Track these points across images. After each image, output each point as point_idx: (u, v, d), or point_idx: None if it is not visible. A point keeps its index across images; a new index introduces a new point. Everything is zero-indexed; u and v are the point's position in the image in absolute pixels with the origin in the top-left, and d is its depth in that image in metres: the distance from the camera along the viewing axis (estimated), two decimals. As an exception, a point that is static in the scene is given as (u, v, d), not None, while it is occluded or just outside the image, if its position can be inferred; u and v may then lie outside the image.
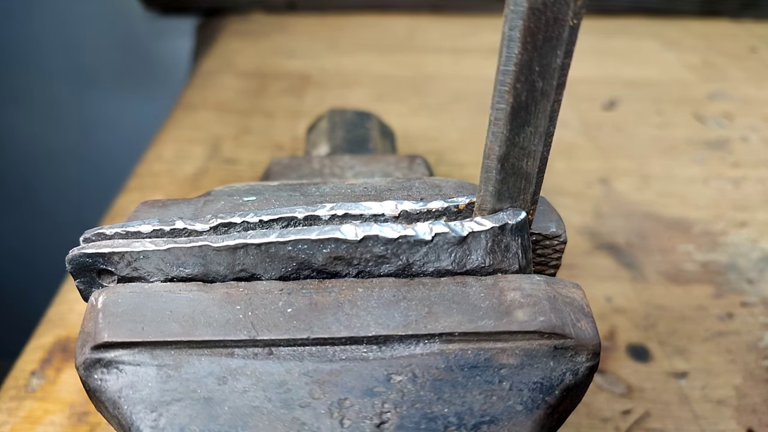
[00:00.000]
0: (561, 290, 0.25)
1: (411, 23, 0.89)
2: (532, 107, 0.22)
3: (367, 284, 0.25)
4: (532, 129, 0.23)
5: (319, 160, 0.39)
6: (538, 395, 0.23)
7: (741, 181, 0.61)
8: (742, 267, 0.51)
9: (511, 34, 0.21)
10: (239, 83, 0.76)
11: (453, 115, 0.71)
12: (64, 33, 1.00)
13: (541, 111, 0.23)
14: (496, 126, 0.23)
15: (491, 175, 0.25)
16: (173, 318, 0.23)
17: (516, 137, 0.23)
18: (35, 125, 0.70)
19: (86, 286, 0.25)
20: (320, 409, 0.22)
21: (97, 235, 0.26)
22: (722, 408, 0.41)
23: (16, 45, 0.77)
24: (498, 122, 0.23)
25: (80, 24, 1.00)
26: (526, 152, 0.24)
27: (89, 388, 0.23)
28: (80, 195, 0.79)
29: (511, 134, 0.23)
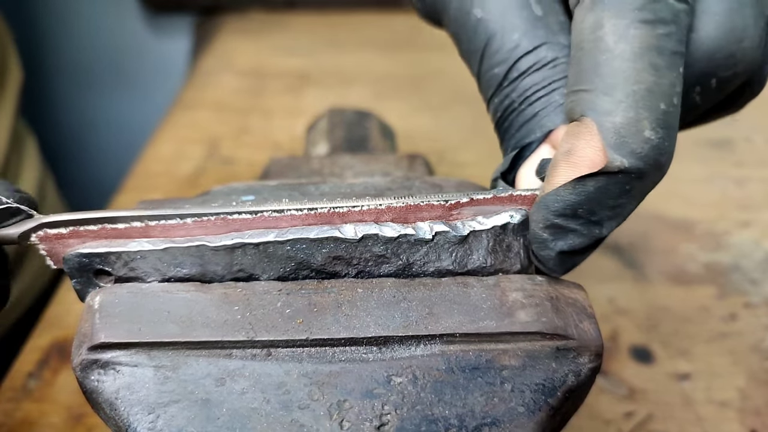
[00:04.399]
0: (563, 291, 0.25)
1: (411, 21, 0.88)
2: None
3: (367, 284, 0.25)
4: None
5: (319, 160, 0.39)
6: (540, 397, 0.23)
7: (745, 181, 0.61)
8: (745, 268, 0.51)
9: None
10: (238, 82, 0.76)
11: (454, 114, 0.70)
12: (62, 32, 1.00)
13: None
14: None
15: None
16: (171, 319, 0.23)
17: None
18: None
19: (83, 286, 0.25)
20: (319, 411, 0.22)
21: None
22: (725, 410, 0.41)
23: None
24: None
25: (78, 22, 1.00)
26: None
27: (86, 390, 0.23)
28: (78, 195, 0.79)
29: None
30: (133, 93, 1.02)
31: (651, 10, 0.23)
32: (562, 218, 0.24)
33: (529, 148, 0.27)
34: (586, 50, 0.23)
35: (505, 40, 0.26)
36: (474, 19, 0.27)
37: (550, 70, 0.26)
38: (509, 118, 0.27)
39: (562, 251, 0.24)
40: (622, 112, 0.22)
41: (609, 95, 0.23)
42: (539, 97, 0.26)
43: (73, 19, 1.00)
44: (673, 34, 0.23)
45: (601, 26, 0.23)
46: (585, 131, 0.23)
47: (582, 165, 0.23)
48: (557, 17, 0.27)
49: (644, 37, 0.23)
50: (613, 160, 0.22)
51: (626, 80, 0.22)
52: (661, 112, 0.22)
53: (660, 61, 0.23)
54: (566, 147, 0.23)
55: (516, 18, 0.26)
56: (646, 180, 0.23)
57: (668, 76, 0.23)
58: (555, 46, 0.26)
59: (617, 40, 0.23)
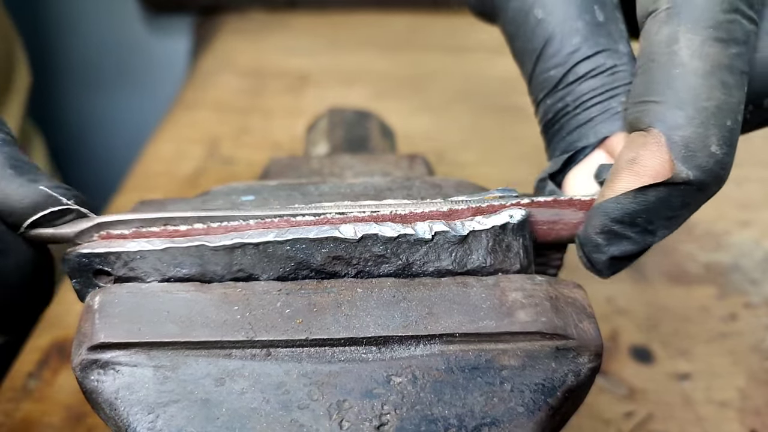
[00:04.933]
0: (563, 291, 0.25)
1: (411, 21, 0.89)
2: None
3: (367, 284, 0.25)
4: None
5: (319, 160, 0.39)
6: (540, 397, 0.23)
7: (744, 180, 0.61)
8: (745, 267, 0.51)
9: None
10: (238, 82, 0.76)
11: (454, 114, 0.70)
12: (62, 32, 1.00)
13: None
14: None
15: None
16: (170, 319, 0.23)
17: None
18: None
19: (83, 286, 0.25)
20: (319, 411, 0.22)
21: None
22: (725, 410, 0.41)
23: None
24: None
25: (78, 22, 1.00)
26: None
27: (86, 390, 0.23)
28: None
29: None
30: (133, 93, 1.02)
31: (725, 30, 0.23)
32: (619, 225, 0.24)
33: (581, 153, 0.27)
34: (658, 62, 0.24)
35: (565, 43, 0.27)
36: (534, 19, 0.27)
37: (608, 76, 0.26)
38: (561, 120, 0.27)
39: (613, 256, 0.25)
40: (692, 127, 0.23)
41: (680, 109, 0.23)
42: (596, 103, 0.26)
43: (73, 18, 1.00)
44: (744, 54, 0.23)
45: (676, 40, 0.23)
46: (652, 142, 0.23)
47: (646, 174, 0.23)
48: (618, 25, 0.27)
49: (718, 55, 0.23)
50: (679, 172, 0.23)
51: (698, 96, 0.23)
52: (727, 129, 0.23)
53: (730, 79, 0.23)
54: (630, 155, 0.24)
55: (578, 22, 0.27)
56: (706, 192, 0.24)
57: (736, 95, 0.23)
58: (615, 54, 0.26)
59: (692, 55, 0.23)
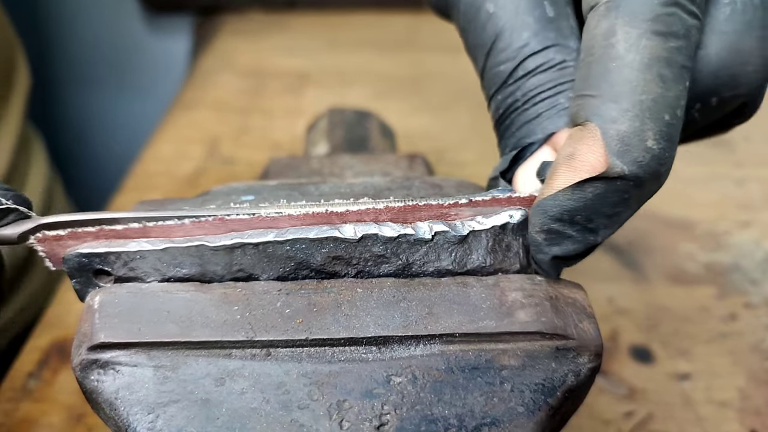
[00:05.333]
0: (563, 291, 0.25)
1: (411, 21, 0.89)
2: None
3: (367, 284, 0.25)
4: None
5: (319, 160, 0.39)
6: (540, 397, 0.23)
7: (744, 180, 0.61)
8: (745, 267, 0.51)
9: None
10: (238, 82, 0.76)
11: (454, 114, 0.70)
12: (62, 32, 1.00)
13: None
14: None
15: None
16: (170, 319, 0.23)
17: None
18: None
19: (83, 286, 0.25)
20: (319, 411, 0.22)
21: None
22: (725, 410, 0.41)
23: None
24: None
25: (77, 22, 1.00)
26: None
27: (86, 390, 0.23)
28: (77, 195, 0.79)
29: None
30: (133, 93, 1.02)
31: (664, 23, 0.23)
32: (559, 223, 0.24)
33: (529, 149, 0.27)
34: (596, 56, 0.23)
35: (515, 38, 0.26)
36: (485, 13, 0.27)
37: (557, 72, 0.26)
38: (511, 116, 0.27)
39: (556, 256, 0.25)
40: (627, 120, 0.22)
41: (616, 103, 0.23)
42: (544, 98, 0.26)
43: (73, 18, 1.00)
44: (683, 48, 0.23)
45: (613, 33, 0.23)
46: (588, 136, 0.23)
47: (582, 169, 0.23)
48: (568, 21, 0.27)
49: (655, 48, 0.23)
50: (613, 166, 0.22)
51: (634, 89, 0.23)
52: (665, 124, 0.23)
53: (668, 73, 0.23)
54: (568, 151, 0.23)
55: (528, 17, 0.26)
56: (644, 189, 0.23)
57: (675, 89, 0.23)
58: (564, 49, 0.26)
59: (628, 48, 0.23)
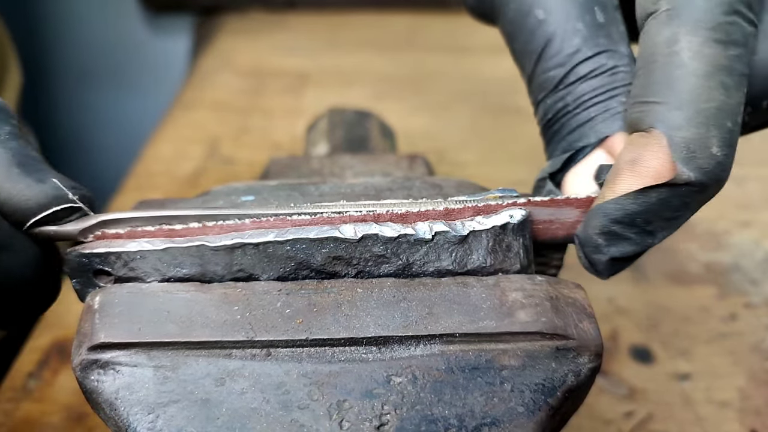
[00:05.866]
0: (563, 291, 0.25)
1: (411, 21, 0.89)
2: None
3: (367, 284, 0.25)
4: None
5: (319, 160, 0.39)
6: (540, 397, 0.23)
7: (744, 180, 0.61)
8: (745, 267, 0.51)
9: None
10: (238, 82, 0.76)
11: (454, 114, 0.70)
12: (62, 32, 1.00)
13: None
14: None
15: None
16: (170, 319, 0.23)
17: None
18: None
19: (83, 286, 0.25)
20: (319, 411, 0.22)
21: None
22: (725, 410, 0.41)
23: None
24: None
25: (77, 22, 1.00)
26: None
27: (86, 390, 0.23)
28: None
29: None
30: (133, 93, 1.02)
31: (725, 31, 0.23)
32: (619, 226, 0.24)
33: (581, 152, 0.27)
34: (659, 63, 0.24)
35: (566, 44, 0.27)
36: (534, 20, 0.27)
37: (609, 77, 0.26)
38: (561, 120, 0.27)
39: (613, 257, 0.25)
40: (693, 128, 0.23)
41: (681, 110, 0.23)
42: (596, 103, 0.26)
43: (73, 18, 1.00)
44: (743, 55, 0.24)
45: (676, 41, 0.23)
46: (653, 143, 0.23)
47: (648, 175, 0.23)
48: (618, 26, 0.27)
49: (717, 56, 0.23)
50: (681, 173, 0.23)
51: (698, 97, 0.23)
52: (728, 131, 0.23)
53: (730, 81, 0.23)
54: (631, 156, 0.24)
55: (578, 23, 0.27)
56: (706, 193, 0.24)
57: (735, 96, 0.23)
58: (615, 55, 0.26)
59: (692, 57, 0.23)
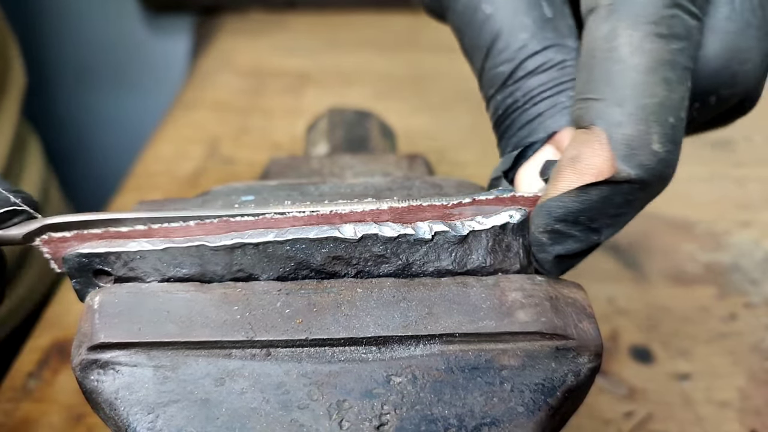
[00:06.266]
0: (563, 291, 0.25)
1: (411, 21, 0.89)
2: None
3: (367, 284, 0.25)
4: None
5: (319, 160, 0.39)
6: (540, 397, 0.23)
7: (744, 180, 0.61)
8: (745, 267, 0.51)
9: None
10: (238, 82, 0.76)
11: (454, 114, 0.70)
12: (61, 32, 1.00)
13: None
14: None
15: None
16: (170, 319, 0.23)
17: None
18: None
19: (83, 286, 0.25)
20: (319, 411, 0.22)
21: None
22: (725, 410, 0.41)
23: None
24: None
25: (77, 22, 1.00)
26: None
27: (86, 390, 0.23)
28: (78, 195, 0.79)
29: None
30: (133, 93, 1.02)
31: (666, 25, 0.23)
32: (563, 224, 0.24)
33: (531, 148, 0.27)
34: (598, 59, 0.24)
35: (513, 39, 0.26)
36: (482, 15, 0.27)
37: (557, 71, 0.26)
38: (511, 116, 0.27)
39: (559, 255, 0.25)
40: (633, 124, 0.23)
41: (621, 106, 0.23)
42: (545, 98, 0.26)
43: (72, 18, 1.00)
44: (686, 49, 0.23)
45: (615, 37, 0.23)
46: (594, 140, 0.23)
47: (588, 173, 0.23)
48: (566, 20, 0.27)
49: (659, 51, 0.23)
50: (620, 170, 0.22)
51: (639, 93, 0.23)
52: (670, 126, 0.23)
53: (672, 75, 0.23)
54: (572, 153, 0.24)
55: (526, 18, 0.26)
56: (649, 191, 0.23)
57: (678, 91, 0.23)
58: (563, 49, 0.26)
59: (632, 51, 0.23)
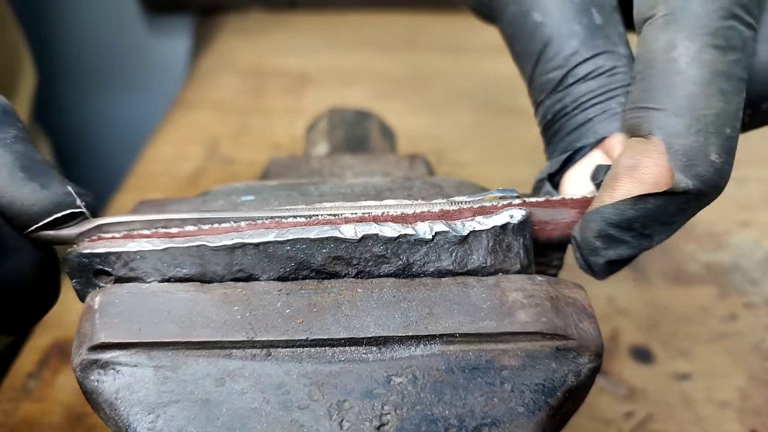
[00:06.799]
0: (563, 291, 0.25)
1: (411, 21, 0.89)
2: None
3: (367, 285, 0.25)
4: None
5: (319, 160, 0.39)
6: (540, 397, 0.23)
7: (744, 180, 0.61)
8: (745, 267, 0.51)
9: None
10: (238, 82, 0.76)
11: (454, 114, 0.70)
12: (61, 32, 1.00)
13: None
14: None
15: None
16: (170, 319, 0.23)
17: None
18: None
19: (83, 286, 0.25)
20: (319, 411, 0.22)
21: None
22: (725, 410, 0.41)
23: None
24: None
25: (77, 22, 1.00)
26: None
27: (86, 390, 0.23)
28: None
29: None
30: (133, 93, 1.02)
31: (723, 37, 0.23)
32: (617, 230, 0.24)
33: (579, 153, 0.27)
34: (657, 69, 0.24)
35: (564, 46, 0.27)
36: (532, 22, 0.27)
37: (607, 78, 0.26)
38: (560, 121, 0.27)
39: (610, 260, 0.25)
40: (692, 135, 0.23)
41: (679, 117, 0.23)
42: (594, 104, 0.26)
43: (72, 18, 1.00)
44: (741, 60, 0.23)
45: (674, 47, 0.23)
46: (652, 150, 0.23)
47: (646, 182, 0.23)
48: (616, 27, 0.27)
49: (716, 62, 0.23)
50: (679, 181, 0.23)
51: (697, 104, 0.23)
52: (726, 137, 0.23)
53: (728, 87, 0.23)
54: (630, 162, 0.24)
55: (576, 25, 0.27)
56: (704, 200, 0.24)
57: (734, 102, 0.23)
58: (613, 56, 0.26)
59: (690, 63, 0.23)
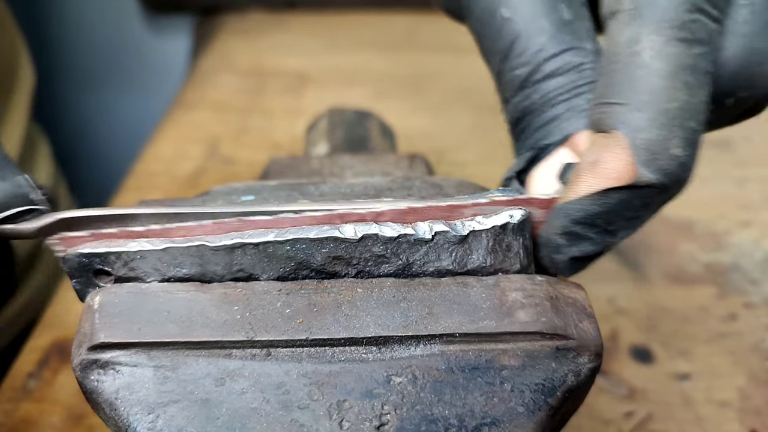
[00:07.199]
0: (563, 291, 0.25)
1: (411, 21, 0.89)
2: None
3: (367, 284, 0.25)
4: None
5: (319, 160, 0.39)
6: (540, 397, 0.23)
7: (745, 181, 0.61)
8: (745, 267, 0.51)
9: None
10: (237, 82, 0.76)
11: (454, 113, 0.70)
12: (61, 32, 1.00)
13: None
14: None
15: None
16: (170, 319, 0.23)
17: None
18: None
19: (83, 286, 0.25)
20: (319, 411, 0.22)
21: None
22: (725, 410, 0.41)
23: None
24: None
25: (77, 22, 1.00)
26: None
27: (86, 390, 0.23)
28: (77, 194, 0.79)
29: None
30: (132, 93, 1.02)
31: (689, 30, 0.23)
32: (580, 226, 0.24)
33: (546, 150, 0.27)
34: (621, 63, 0.24)
35: (531, 43, 0.27)
36: (500, 19, 0.27)
37: (575, 74, 0.26)
38: (527, 118, 0.27)
39: (574, 257, 0.25)
40: (655, 129, 0.23)
41: (642, 111, 0.23)
42: (561, 101, 0.26)
43: (72, 18, 1.00)
44: (707, 53, 0.23)
45: (638, 41, 0.23)
46: (615, 144, 0.23)
47: (609, 177, 0.23)
48: (585, 23, 0.27)
49: (681, 55, 0.23)
50: (641, 175, 0.23)
51: (661, 98, 0.23)
52: (690, 131, 0.23)
53: (693, 80, 0.23)
54: (593, 157, 0.24)
55: (544, 21, 0.26)
56: (667, 194, 0.24)
57: (699, 96, 0.23)
58: (581, 52, 0.26)
59: (654, 56, 0.23)
